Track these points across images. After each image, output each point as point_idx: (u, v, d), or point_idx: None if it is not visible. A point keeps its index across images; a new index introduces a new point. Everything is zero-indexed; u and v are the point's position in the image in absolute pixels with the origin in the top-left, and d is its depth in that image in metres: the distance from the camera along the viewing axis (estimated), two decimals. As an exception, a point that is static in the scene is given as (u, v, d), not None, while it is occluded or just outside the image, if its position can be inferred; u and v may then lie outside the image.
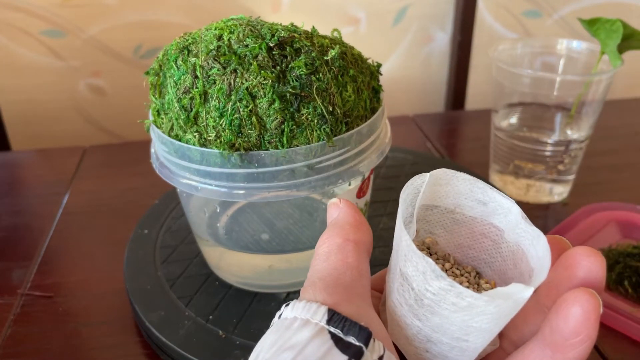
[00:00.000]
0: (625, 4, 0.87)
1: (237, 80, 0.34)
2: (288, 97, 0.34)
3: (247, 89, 0.34)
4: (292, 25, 0.38)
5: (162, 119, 0.38)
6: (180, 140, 0.36)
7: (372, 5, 0.81)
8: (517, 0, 0.84)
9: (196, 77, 0.35)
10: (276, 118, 0.34)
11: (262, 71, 0.34)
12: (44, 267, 0.51)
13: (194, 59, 0.35)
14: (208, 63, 0.35)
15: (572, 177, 0.59)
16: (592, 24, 0.51)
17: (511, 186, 0.59)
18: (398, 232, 0.22)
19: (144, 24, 0.76)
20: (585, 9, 0.86)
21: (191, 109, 0.35)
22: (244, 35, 0.35)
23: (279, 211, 0.48)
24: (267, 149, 0.34)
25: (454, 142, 0.75)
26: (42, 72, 0.77)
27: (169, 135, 0.37)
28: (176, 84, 0.36)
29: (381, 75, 0.41)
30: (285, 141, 0.34)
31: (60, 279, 0.49)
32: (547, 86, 0.53)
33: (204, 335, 0.40)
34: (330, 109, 0.35)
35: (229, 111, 0.34)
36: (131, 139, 0.82)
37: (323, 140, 0.35)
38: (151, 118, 0.40)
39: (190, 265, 0.47)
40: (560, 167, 0.57)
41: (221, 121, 0.34)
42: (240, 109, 0.34)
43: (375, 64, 0.41)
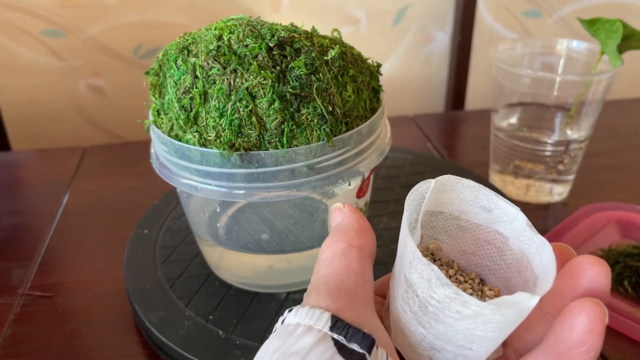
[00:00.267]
0: (625, 4, 0.87)
1: (237, 80, 0.34)
2: (288, 97, 0.34)
3: (247, 89, 0.34)
4: (292, 25, 0.38)
5: (162, 119, 0.38)
6: (180, 140, 0.36)
7: (372, 5, 0.81)
8: (517, 0, 0.84)
9: (196, 77, 0.35)
10: (276, 118, 0.34)
11: (262, 71, 0.34)
12: (44, 267, 0.51)
13: (194, 59, 0.35)
14: (208, 63, 0.35)
15: (572, 177, 0.59)
16: (592, 24, 0.51)
17: (511, 186, 0.59)
18: (403, 238, 0.22)
19: (144, 24, 0.76)
20: (585, 9, 0.86)
21: (191, 109, 0.35)
22: (244, 35, 0.35)
23: (279, 211, 0.48)
24: (267, 149, 0.34)
25: (454, 142, 0.75)
26: (42, 72, 0.77)
27: (169, 135, 0.37)
28: (176, 84, 0.36)
29: (381, 75, 0.41)
30: (285, 141, 0.34)
31: (60, 279, 0.49)
32: (547, 86, 0.53)
33: (204, 335, 0.40)
34: (330, 109, 0.35)
35: (229, 111, 0.34)
36: (131, 139, 0.82)
37: (323, 140, 0.35)
38: (151, 118, 0.40)
39: (190, 265, 0.47)
40: (560, 167, 0.57)
41: (221, 121, 0.34)
42: (240, 109, 0.34)
43: (375, 64, 0.41)
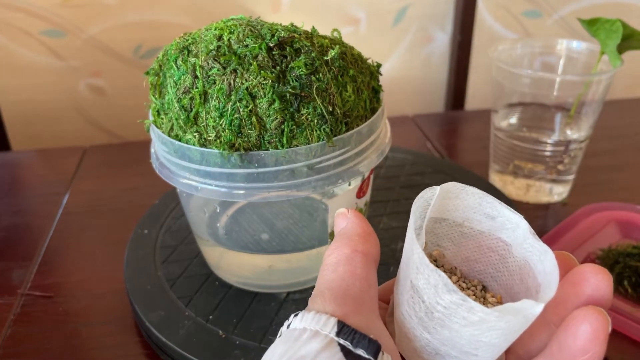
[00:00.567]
0: (625, 4, 0.87)
1: (237, 80, 0.34)
2: (288, 97, 0.34)
3: (247, 89, 0.34)
4: (292, 25, 0.38)
5: (162, 119, 0.38)
6: (180, 140, 0.36)
7: (372, 5, 0.81)
8: (517, 0, 0.84)
9: (196, 77, 0.35)
10: (276, 118, 0.34)
11: (262, 71, 0.34)
12: (44, 267, 0.51)
13: (194, 59, 0.35)
14: (208, 63, 0.35)
15: (572, 177, 0.59)
16: (592, 24, 0.51)
17: (511, 186, 0.59)
18: (409, 244, 0.22)
19: (144, 24, 0.76)
20: (585, 9, 0.86)
21: (191, 109, 0.35)
22: (244, 35, 0.35)
23: (279, 211, 0.48)
24: (267, 149, 0.34)
25: (454, 142, 0.75)
26: (42, 72, 0.77)
27: (169, 135, 0.37)
28: (176, 84, 0.36)
29: (381, 75, 0.41)
30: (285, 141, 0.34)
31: (60, 279, 0.49)
32: (547, 86, 0.53)
33: (204, 335, 0.40)
34: (330, 109, 0.35)
35: (229, 111, 0.34)
36: (131, 139, 0.82)
37: (323, 140, 0.35)
38: (151, 118, 0.40)
39: (190, 265, 0.47)
40: (560, 167, 0.57)
41: (221, 121, 0.34)
42: (240, 109, 0.34)
43: (375, 64, 0.41)
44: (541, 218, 0.57)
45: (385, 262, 0.46)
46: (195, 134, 0.35)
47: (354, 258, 0.23)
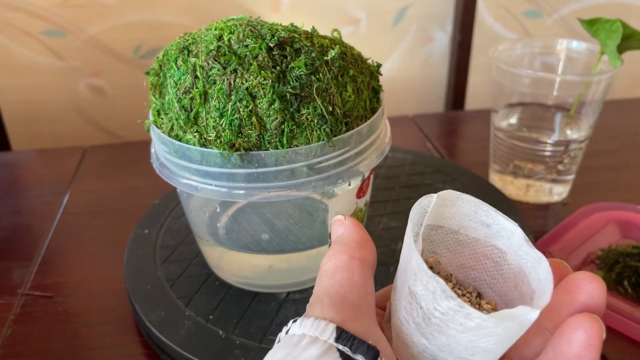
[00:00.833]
0: (625, 4, 0.87)
1: (237, 80, 0.34)
2: (288, 97, 0.34)
3: (247, 89, 0.34)
4: (292, 25, 0.38)
5: (162, 119, 0.38)
6: (180, 141, 0.36)
7: (372, 5, 0.81)
8: (517, 0, 0.84)
9: (196, 77, 0.35)
10: (276, 118, 0.34)
11: (262, 71, 0.34)
12: (44, 267, 0.51)
13: (194, 59, 0.35)
14: (208, 63, 0.35)
15: (572, 177, 0.59)
16: (592, 24, 0.51)
17: (511, 186, 0.59)
18: (407, 251, 0.22)
19: (144, 24, 0.76)
20: (585, 9, 0.86)
21: (191, 109, 0.35)
22: (244, 35, 0.35)
23: (279, 211, 0.48)
24: (267, 149, 0.34)
25: (454, 142, 0.75)
26: (42, 72, 0.77)
27: (169, 136, 0.37)
28: (176, 84, 0.36)
29: (381, 75, 0.41)
30: (285, 141, 0.34)
31: (60, 279, 0.49)
32: (547, 86, 0.53)
33: (204, 335, 0.40)
34: (330, 109, 0.35)
35: (229, 111, 0.34)
36: (131, 139, 0.82)
37: (323, 140, 0.35)
38: (151, 118, 0.40)
39: (190, 265, 0.47)
40: (560, 167, 0.57)
41: (221, 121, 0.34)
42: (241, 109, 0.34)
43: (375, 64, 0.41)
44: (541, 218, 0.57)
45: (385, 262, 0.46)
46: (195, 134, 0.35)
47: (351, 265, 0.23)
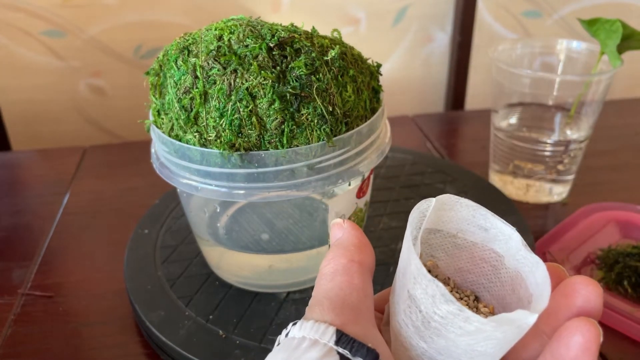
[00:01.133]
0: (625, 4, 0.87)
1: (237, 80, 0.34)
2: (288, 97, 0.34)
3: (247, 89, 0.34)
4: (292, 25, 0.38)
5: (163, 119, 0.38)
6: (180, 141, 0.36)
7: (372, 5, 0.81)
8: (517, 0, 0.84)
9: (196, 78, 0.35)
10: (276, 118, 0.34)
11: (262, 71, 0.34)
12: (44, 267, 0.51)
13: (194, 59, 0.35)
14: (208, 63, 0.35)
15: (572, 177, 0.59)
16: (592, 24, 0.51)
17: (511, 186, 0.59)
18: (406, 255, 0.23)
19: (144, 24, 0.76)
20: (585, 9, 0.86)
21: (191, 109, 0.35)
22: (244, 35, 0.35)
23: (279, 211, 0.48)
24: (267, 149, 0.34)
25: (454, 142, 0.75)
26: (42, 72, 0.77)
27: (169, 136, 0.37)
28: (176, 84, 0.36)
29: (381, 75, 0.41)
30: (285, 141, 0.34)
31: (60, 279, 0.49)
32: (547, 86, 0.53)
33: (204, 335, 0.40)
34: (330, 109, 0.35)
35: (229, 111, 0.34)
36: (131, 139, 0.82)
37: (323, 140, 0.35)
38: (151, 118, 0.40)
39: (190, 265, 0.47)
40: (560, 167, 0.57)
41: (221, 121, 0.34)
42: (241, 109, 0.34)
43: (375, 64, 0.41)
44: (541, 218, 0.57)
45: (385, 262, 0.46)
46: (195, 134, 0.35)
47: (350, 268, 0.23)
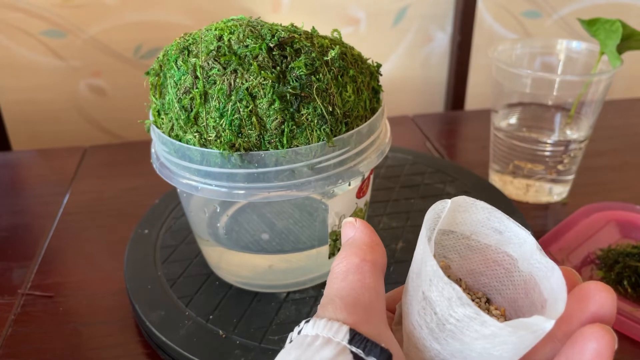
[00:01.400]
0: (625, 4, 0.87)
1: (238, 80, 0.34)
2: (288, 98, 0.34)
3: (247, 89, 0.34)
4: (292, 25, 0.38)
5: (163, 119, 0.38)
6: (180, 141, 0.36)
7: (372, 5, 0.81)
8: (517, 0, 0.84)
9: (196, 78, 0.35)
10: (276, 118, 0.34)
11: (262, 71, 0.34)
12: (44, 267, 0.51)
13: (194, 59, 0.35)
14: (208, 63, 0.35)
15: (572, 177, 0.59)
16: (592, 25, 0.51)
17: (510, 186, 0.59)
18: (421, 256, 0.22)
19: (144, 24, 0.76)
20: (585, 9, 0.86)
21: (191, 109, 0.35)
22: (244, 35, 0.35)
23: (279, 211, 0.48)
24: (267, 149, 0.34)
25: (454, 142, 0.75)
26: (42, 72, 0.77)
27: (169, 136, 0.37)
28: (176, 85, 0.36)
29: (381, 75, 0.41)
30: (285, 141, 0.34)
31: (60, 279, 0.49)
32: (547, 86, 0.54)
33: (204, 335, 0.40)
34: (330, 109, 0.35)
35: (229, 111, 0.34)
36: (131, 139, 0.82)
37: (323, 140, 0.35)
38: (151, 118, 0.40)
39: (190, 265, 0.47)
40: (560, 167, 0.57)
41: (221, 121, 0.34)
42: (241, 109, 0.34)
43: (375, 64, 0.41)
44: (541, 218, 0.57)
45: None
46: (195, 134, 0.35)
47: (363, 267, 0.23)
